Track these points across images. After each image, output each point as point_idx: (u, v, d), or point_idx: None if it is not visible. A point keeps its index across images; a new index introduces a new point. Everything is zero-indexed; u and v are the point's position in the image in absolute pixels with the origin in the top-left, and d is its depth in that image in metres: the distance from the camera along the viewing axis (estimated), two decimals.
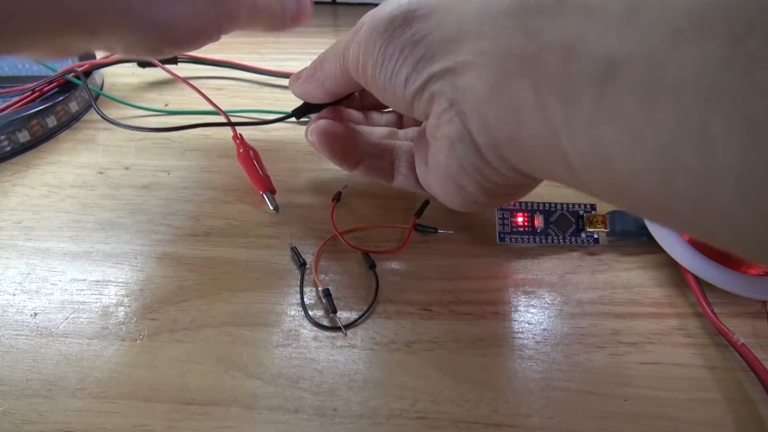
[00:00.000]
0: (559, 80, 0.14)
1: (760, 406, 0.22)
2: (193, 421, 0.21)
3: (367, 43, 0.22)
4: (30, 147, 0.36)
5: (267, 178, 0.32)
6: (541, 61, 0.15)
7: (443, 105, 0.20)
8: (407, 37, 0.20)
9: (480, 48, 0.17)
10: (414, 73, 0.20)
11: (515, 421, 0.21)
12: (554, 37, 0.14)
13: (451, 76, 0.19)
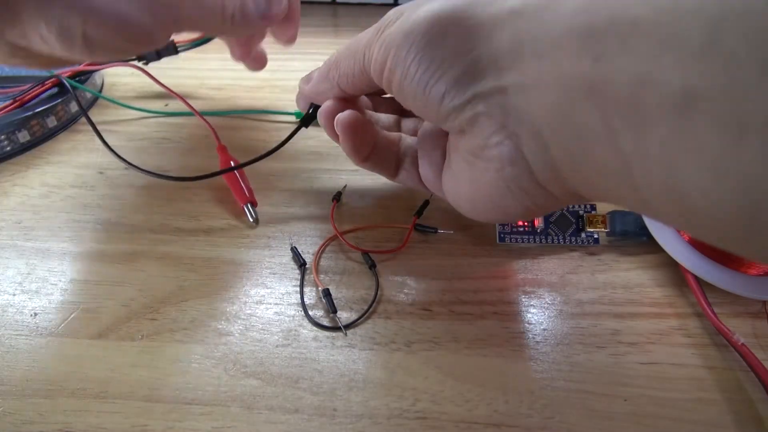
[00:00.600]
0: (631, 108, 0.14)
1: (760, 406, 0.22)
2: (193, 421, 0.21)
3: (399, 48, 0.20)
4: (30, 147, 0.36)
5: (249, 189, 0.31)
6: (611, 87, 0.14)
7: (492, 127, 0.19)
8: (449, 47, 0.19)
9: (539, 70, 0.16)
10: (454, 90, 0.19)
11: (515, 421, 0.21)
12: (626, 64, 0.14)
13: (500, 98, 0.18)
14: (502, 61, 0.18)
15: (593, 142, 0.15)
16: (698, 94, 0.12)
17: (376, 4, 0.59)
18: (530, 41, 0.17)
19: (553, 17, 0.16)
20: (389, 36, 0.20)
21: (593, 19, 0.15)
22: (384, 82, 0.22)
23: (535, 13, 0.17)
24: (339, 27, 0.56)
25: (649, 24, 0.13)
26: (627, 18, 0.14)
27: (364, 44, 0.22)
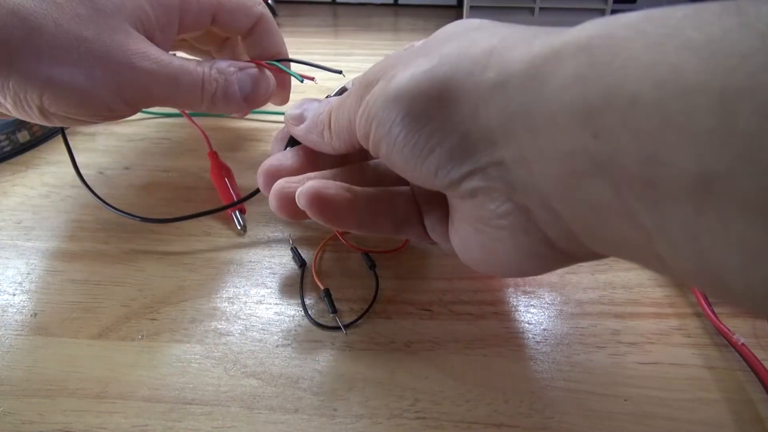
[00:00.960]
0: (645, 187, 0.13)
1: (760, 406, 0.22)
2: (193, 421, 0.21)
3: (381, 122, 0.19)
4: (30, 147, 0.36)
5: (238, 196, 0.31)
6: (617, 164, 0.13)
7: (496, 200, 0.18)
8: (435, 121, 0.18)
9: (535, 144, 0.16)
10: (449, 165, 0.18)
11: (515, 421, 0.21)
12: (629, 142, 0.13)
13: (499, 170, 0.17)
14: (493, 136, 0.17)
15: (609, 216, 0.15)
16: (717, 177, 0.12)
17: (376, 4, 0.59)
18: (520, 115, 0.16)
19: (542, 90, 0.15)
20: (370, 106, 0.19)
21: (588, 95, 0.14)
22: (371, 150, 0.21)
23: (522, 86, 0.16)
24: (339, 27, 0.56)
25: (650, 101, 0.12)
26: (624, 94, 0.13)
27: (350, 107, 0.21)
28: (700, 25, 0.12)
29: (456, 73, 0.17)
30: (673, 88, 0.12)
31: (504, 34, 0.18)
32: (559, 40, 0.15)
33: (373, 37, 0.53)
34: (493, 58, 0.17)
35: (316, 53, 0.49)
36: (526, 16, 0.41)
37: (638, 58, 0.13)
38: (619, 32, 0.14)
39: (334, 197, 0.22)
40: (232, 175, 0.33)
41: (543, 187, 0.16)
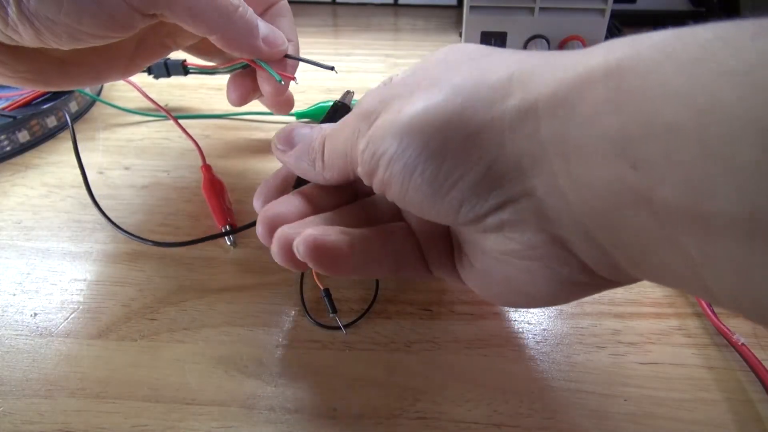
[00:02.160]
0: (690, 219, 0.13)
1: (760, 406, 0.22)
2: (193, 421, 0.21)
3: (393, 160, 0.18)
4: (30, 147, 0.36)
5: (229, 211, 0.31)
6: (661, 197, 0.13)
7: (528, 232, 0.17)
8: (455, 156, 0.17)
9: (570, 173, 0.15)
10: (474, 198, 0.17)
11: (515, 421, 0.21)
12: (671, 173, 0.12)
13: (531, 201, 0.16)
14: (522, 164, 0.16)
15: (655, 246, 0.14)
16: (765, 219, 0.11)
17: (376, 4, 0.59)
18: (552, 142, 0.15)
19: (573, 116, 0.15)
20: (376, 141, 0.18)
21: (623, 123, 0.13)
22: (376, 188, 0.19)
23: (551, 113, 0.15)
24: (339, 27, 0.56)
25: (690, 131, 0.12)
26: (662, 122, 0.12)
27: (346, 141, 0.20)
28: (733, 48, 0.12)
29: (475, 102, 0.17)
30: (714, 118, 0.12)
31: (517, 59, 0.17)
32: (584, 63, 0.15)
33: (373, 37, 0.53)
34: (514, 85, 0.16)
35: (316, 53, 0.49)
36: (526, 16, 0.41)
37: (671, 84, 0.12)
38: (647, 53, 0.13)
39: (332, 245, 0.20)
40: (225, 190, 0.32)
41: (581, 218, 0.16)
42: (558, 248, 0.17)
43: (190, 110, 0.41)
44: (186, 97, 0.42)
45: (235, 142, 0.38)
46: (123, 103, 0.40)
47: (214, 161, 0.35)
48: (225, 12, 0.23)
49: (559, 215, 0.16)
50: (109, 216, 0.28)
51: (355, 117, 0.20)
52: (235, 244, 0.29)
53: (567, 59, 0.16)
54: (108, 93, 0.43)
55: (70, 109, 0.39)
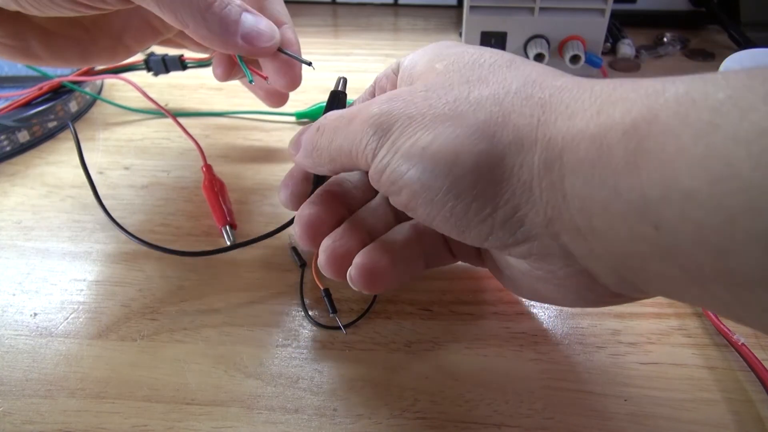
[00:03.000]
0: (717, 273, 0.13)
1: (760, 406, 0.22)
2: (193, 421, 0.21)
3: (419, 192, 0.18)
4: (30, 147, 0.36)
5: (229, 211, 0.30)
6: (684, 252, 0.13)
7: (555, 263, 0.18)
8: (487, 196, 0.17)
9: (593, 227, 0.16)
10: (501, 231, 0.18)
11: (515, 421, 0.21)
12: (694, 235, 0.13)
13: (557, 241, 0.17)
14: (547, 212, 0.17)
15: (683, 287, 0.15)
16: None
17: (376, 4, 0.59)
18: (574, 198, 0.16)
19: (593, 176, 0.15)
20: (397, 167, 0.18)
21: (643, 186, 0.14)
22: (398, 206, 0.20)
23: (573, 169, 0.16)
24: (339, 27, 0.56)
25: (707, 198, 0.12)
26: (680, 188, 0.13)
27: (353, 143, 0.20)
28: (744, 111, 0.12)
29: (504, 148, 0.17)
30: (728, 185, 0.12)
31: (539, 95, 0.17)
32: (602, 119, 0.15)
33: (373, 37, 0.53)
34: (540, 132, 0.17)
35: (316, 53, 0.49)
36: (526, 16, 0.41)
37: (688, 150, 0.13)
38: (663, 116, 0.14)
39: (380, 270, 0.21)
40: (226, 191, 0.32)
41: (606, 261, 0.16)
42: (585, 279, 0.17)
43: (190, 110, 0.41)
44: (186, 97, 0.42)
45: (235, 141, 0.38)
46: (123, 103, 0.40)
47: (214, 161, 0.35)
48: (195, 4, 0.21)
49: (584, 256, 0.17)
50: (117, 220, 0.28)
51: (366, 122, 0.19)
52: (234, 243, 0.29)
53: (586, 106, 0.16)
54: (108, 93, 0.43)
55: (70, 109, 0.39)
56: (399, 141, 0.18)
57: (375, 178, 0.20)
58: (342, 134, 0.21)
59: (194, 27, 0.22)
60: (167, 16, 0.22)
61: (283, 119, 0.40)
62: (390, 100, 0.20)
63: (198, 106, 0.41)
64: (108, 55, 0.27)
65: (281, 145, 0.37)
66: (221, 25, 0.22)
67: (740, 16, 0.48)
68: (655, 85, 0.15)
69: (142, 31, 0.28)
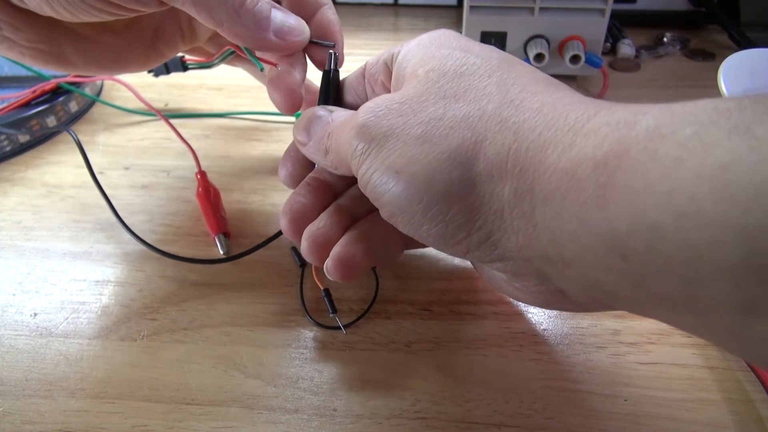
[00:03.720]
0: (686, 300, 0.13)
1: (760, 406, 0.22)
2: (193, 421, 0.21)
3: (397, 212, 0.19)
4: (30, 147, 0.36)
5: (223, 219, 0.30)
6: (653, 282, 0.14)
7: (530, 281, 0.18)
8: (460, 220, 0.18)
9: (564, 257, 0.16)
10: (478, 251, 0.18)
11: (515, 421, 0.21)
12: (662, 266, 0.13)
13: (530, 265, 0.18)
14: (518, 240, 0.17)
15: (655, 310, 0.15)
16: (760, 302, 0.12)
17: (376, 4, 0.59)
18: (545, 229, 0.16)
19: (563, 209, 0.15)
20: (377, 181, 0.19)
21: (611, 220, 0.14)
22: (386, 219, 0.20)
23: (544, 200, 0.16)
24: None
25: (673, 233, 0.12)
26: (647, 223, 0.13)
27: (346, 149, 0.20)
28: (708, 146, 0.12)
29: (476, 176, 0.17)
30: (693, 220, 0.12)
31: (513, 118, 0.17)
32: (574, 152, 0.15)
33: (373, 37, 0.53)
34: (511, 162, 0.17)
35: None
36: (526, 16, 0.41)
37: (655, 185, 0.13)
38: (633, 151, 0.14)
39: (356, 261, 0.22)
40: (220, 198, 0.32)
41: (580, 285, 0.17)
42: (559, 295, 0.18)
43: (191, 110, 0.41)
44: (186, 97, 0.42)
45: (236, 141, 0.38)
46: (122, 103, 0.40)
47: (215, 161, 0.35)
48: (229, 2, 0.22)
49: (557, 278, 0.17)
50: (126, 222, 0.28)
51: (354, 133, 0.20)
52: (228, 253, 0.29)
53: (558, 137, 0.16)
54: (108, 93, 0.43)
55: (70, 109, 0.39)
56: (378, 157, 0.19)
57: (363, 190, 0.20)
58: (339, 141, 0.21)
59: (228, 25, 0.22)
60: (202, 16, 0.22)
61: (283, 119, 0.40)
62: (372, 111, 0.20)
63: (198, 106, 0.41)
64: (141, 61, 0.27)
65: (281, 145, 0.37)
66: (254, 21, 0.22)
67: (740, 16, 0.48)
68: (627, 117, 0.15)
69: (174, 37, 0.28)
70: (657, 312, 0.15)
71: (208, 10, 0.22)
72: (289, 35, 0.24)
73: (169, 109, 0.41)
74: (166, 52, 0.28)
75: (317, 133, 0.23)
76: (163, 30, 0.27)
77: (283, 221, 0.24)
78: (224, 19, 0.22)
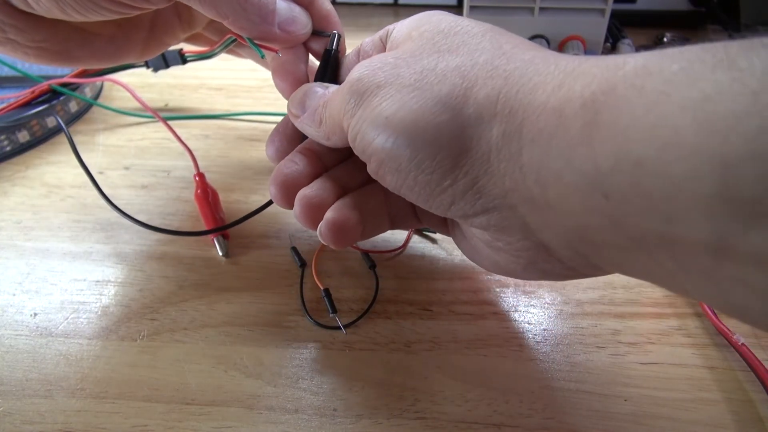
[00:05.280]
0: (662, 240, 0.13)
1: (760, 406, 0.22)
2: (193, 421, 0.21)
3: (386, 161, 0.19)
4: (30, 147, 0.36)
5: (221, 220, 0.30)
6: (631, 223, 0.14)
7: (513, 235, 0.18)
8: (447, 165, 0.18)
9: (547, 198, 0.16)
10: (462, 201, 0.18)
11: (515, 421, 0.21)
12: (641, 203, 0.13)
13: (513, 213, 0.17)
14: (504, 183, 0.17)
15: (632, 258, 0.15)
16: (731, 236, 0.12)
17: (376, 4, 0.59)
18: (531, 169, 0.16)
19: (550, 147, 0.15)
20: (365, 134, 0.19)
21: (596, 157, 0.14)
22: (371, 174, 0.20)
23: (531, 140, 0.16)
24: None
25: (655, 165, 0.13)
26: (631, 158, 0.13)
27: (339, 112, 0.20)
28: (693, 80, 0.12)
29: (464, 120, 0.17)
30: (675, 152, 0.12)
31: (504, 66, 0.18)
32: (563, 92, 0.15)
33: None
34: (500, 105, 0.17)
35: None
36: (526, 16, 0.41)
37: (640, 119, 0.13)
38: (621, 88, 0.14)
39: (349, 225, 0.22)
40: (218, 200, 0.32)
41: (561, 234, 0.16)
42: (542, 251, 0.18)
43: (191, 110, 0.41)
44: (186, 97, 0.42)
45: (236, 141, 0.38)
46: (123, 103, 0.40)
47: (214, 161, 0.35)
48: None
49: (540, 228, 0.17)
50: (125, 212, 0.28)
51: (347, 89, 0.20)
52: (227, 255, 0.29)
53: (548, 80, 0.16)
54: (108, 93, 0.43)
55: (70, 109, 0.39)
56: (368, 109, 0.19)
57: (351, 145, 0.20)
58: (333, 105, 0.21)
59: (234, 18, 0.22)
60: (208, 11, 0.22)
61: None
62: (366, 66, 0.20)
63: (198, 105, 0.41)
64: (141, 50, 0.27)
65: None
66: (260, 14, 0.23)
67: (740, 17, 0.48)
68: (617, 60, 0.15)
69: (173, 25, 0.28)
70: (636, 261, 0.15)
71: (214, 6, 0.22)
72: (293, 27, 0.24)
73: (169, 109, 0.41)
74: (166, 39, 0.28)
75: (312, 105, 0.23)
76: (161, 19, 0.27)
77: (273, 187, 0.23)
78: (229, 13, 0.22)
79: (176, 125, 0.36)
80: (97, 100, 0.42)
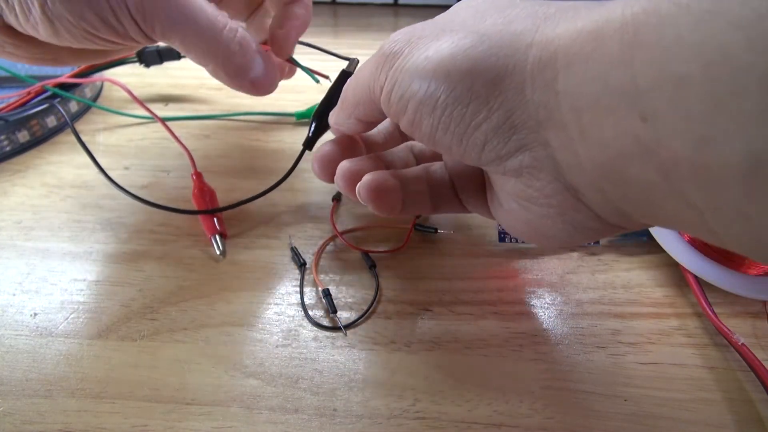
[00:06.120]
0: (694, 169, 0.13)
1: (760, 406, 0.22)
2: (193, 421, 0.21)
3: (421, 102, 0.19)
4: (30, 147, 0.36)
5: (219, 220, 0.30)
6: (665, 147, 0.14)
7: (544, 179, 0.18)
8: (480, 99, 0.18)
9: (581, 125, 0.16)
10: (495, 139, 0.18)
11: (515, 421, 0.21)
12: (679, 124, 0.13)
13: (545, 151, 0.17)
14: (538, 115, 0.17)
15: (660, 197, 0.15)
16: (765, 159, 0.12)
17: (376, 4, 0.59)
18: (565, 95, 0.16)
19: (587, 69, 0.15)
20: (403, 82, 0.19)
21: (635, 76, 0.14)
22: (405, 128, 0.20)
23: (567, 64, 0.16)
24: (339, 27, 0.56)
25: (698, 83, 0.12)
26: (673, 76, 0.13)
27: (370, 77, 0.21)
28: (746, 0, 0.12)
29: (500, 50, 0.17)
30: (721, 69, 0.12)
31: (545, 11, 0.18)
32: (603, 15, 0.15)
33: (373, 37, 0.53)
34: (538, 35, 0.17)
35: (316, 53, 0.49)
36: None
37: (685, 38, 0.13)
38: (664, 7, 0.14)
39: (388, 188, 0.23)
40: (216, 198, 0.32)
41: (591, 172, 0.16)
42: (571, 197, 0.18)
43: (190, 110, 0.41)
44: (186, 97, 0.42)
45: (236, 141, 0.38)
46: (122, 103, 0.40)
47: (214, 161, 0.35)
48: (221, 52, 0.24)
49: (570, 167, 0.17)
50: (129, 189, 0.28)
51: (379, 54, 0.20)
52: (224, 254, 0.29)
53: (590, 11, 0.16)
54: (108, 93, 0.43)
55: (70, 108, 0.39)
56: (407, 59, 0.19)
57: (385, 103, 0.20)
58: (363, 72, 0.22)
59: (214, 69, 0.25)
60: (191, 57, 0.25)
61: (283, 120, 0.40)
62: (404, 31, 0.21)
63: (198, 106, 0.41)
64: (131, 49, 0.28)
65: (281, 146, 0.37)
66: (237, 71, 0.25)
67: None
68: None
69: None
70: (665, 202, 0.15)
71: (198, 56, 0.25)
72: (261, 86, 0.27)
73: (169, 109, 0.41)
74: None
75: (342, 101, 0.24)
76: None
77: (317, 161, 0.25)
78: (211, 64, 0.25)
79: (176, 125, 0.36)
80: (96, 100, 0.42)
